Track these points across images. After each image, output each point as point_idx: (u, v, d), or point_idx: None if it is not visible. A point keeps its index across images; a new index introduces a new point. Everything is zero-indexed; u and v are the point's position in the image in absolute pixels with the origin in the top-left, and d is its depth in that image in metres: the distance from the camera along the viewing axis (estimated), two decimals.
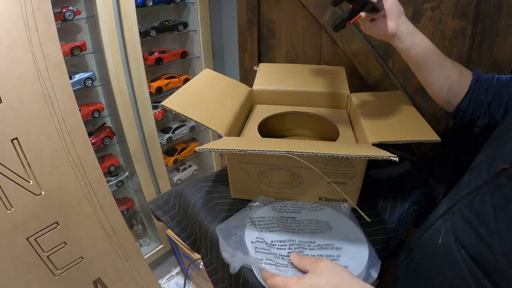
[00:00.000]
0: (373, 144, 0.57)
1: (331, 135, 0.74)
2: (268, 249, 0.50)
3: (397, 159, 0.46)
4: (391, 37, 0.56)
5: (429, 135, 0.58)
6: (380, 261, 0.50)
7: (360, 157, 0.46)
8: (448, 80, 0.58)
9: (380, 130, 0.62)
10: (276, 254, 0.50)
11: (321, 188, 0.64)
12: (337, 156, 0.45)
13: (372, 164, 0.81)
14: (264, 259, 0.48)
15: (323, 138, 0.82)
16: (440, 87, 0.59)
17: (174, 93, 0.67)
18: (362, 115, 0.68)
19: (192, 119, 0.62)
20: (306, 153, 0.46)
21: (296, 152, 0.47)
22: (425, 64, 0.58)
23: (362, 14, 0.56)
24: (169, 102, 0.63)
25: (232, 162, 0.64)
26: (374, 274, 0.48)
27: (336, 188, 0.63)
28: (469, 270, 0.38)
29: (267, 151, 0.48)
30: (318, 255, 0.51)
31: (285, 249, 0.51)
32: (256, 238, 0.52)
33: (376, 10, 0.54)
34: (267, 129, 0.80)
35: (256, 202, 0.64)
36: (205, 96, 0.72)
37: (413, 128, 0.62)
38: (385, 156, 0.46)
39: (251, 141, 0.60)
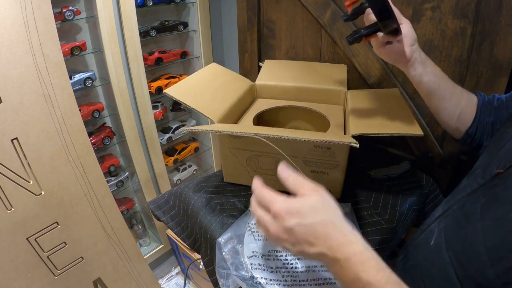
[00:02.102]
0: (353, 136, 0.57)
1: (325, 130, 0.75)
2: (263, 264, 0.51)
3: (357, 146, 0.49)
4: (404, 63, 0.56)
5: (412, 129, 0.58)
6: None
7: (312, 140, 0.51)
8: (459, 106, 0.58)
9: (364, 124, 0.63)
10: (272, 268, 0.51)
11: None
12: (294, 138, 0.51)
13: (372, 164, 0.81)
14: (258, 277, 0.50)
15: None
16: (451, 113, 0.59)
17: (177, 82, 0.71)
18: (352, 110, 0.69)
19: (189, 106, 0.65)
20: (272, 136, 0.51)
21: (263, 134, 0.52)
22: (437, 91, 0.58)
23: (379, 34, 0.55)
24: (170, 90, 0.67)
25: (224, 148, 0.69)
26: None
27: (319, 177, 0.66)
28: (455, 272, 0.39)
29: (238, 132, 0.54)
30: (312, 266, 0.51)
31: (280, 259, 0.52)
32: (253, 252, 0.53)
33: (396, 33, 0.53)
34: (264, 121, 0.83)
35: None
36: (206, 87, 0.74)
37: (399, 122, 0.62)
38: (346, 141, 0.50)
39: (239, 127, 0.62)
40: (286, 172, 0.41)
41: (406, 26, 0.55)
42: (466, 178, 0.50)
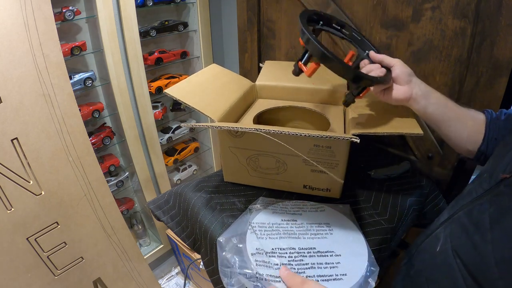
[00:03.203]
0: (354, 135, 0.57)
1: (325, 130, 0.75)
2: (268, 261, 0.51)
3: (358, 140, 0.50)
4: (407, 101, 0.57)
5: (412, 128, 0.58)
6: (378, 268, 0.51)
7: (313, 136, 0.52)
8: (466, 128, 0.58)
9: (364, 123, 0.63)
10: (277, 264, 0.50)
11: (305, 176, 0.67)
12: (293, 134, 0.52)
13: (372, 164, 0.81)
14: (264, 274, 0.49)
15: None
16: (460, 137, 0.59)
17: (178, 83, 0.71)
18: (352, 110, 0.69)
19: (190, 106, 0.65)
20: (273, 131, 0.53)
21: (264, 130, 0.53)
22: (442, 119, 0.58)
23: (371, 88, 0.58)
24: (171, 90, 0.67)
25: (224, 147, 0.69)
26: (372, 282, 0.49)
27: (319, 177, 0.66)
28: (464, 279, 0.38)
29: (239, 128, 0.55)
30: (317, 263, 0.51)
31: (285, 257, 0.52)
32: (256, 249, 0.53)
33: (383, 82, 0.55)
34: (264, 121, 0.83)
35: (257, 204, 0.64)
36: (207, 87, 0.74)
37: (399, 122, 0.62)
38: (346, 137, 0.51)
39: (238, 124, 0.62)
40: (284, 274, 0.46)
41: (397, 67, 0.56)
42: (472, 183, 0.50)
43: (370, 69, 0.57)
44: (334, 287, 0.48)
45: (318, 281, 0.49)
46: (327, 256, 0.53)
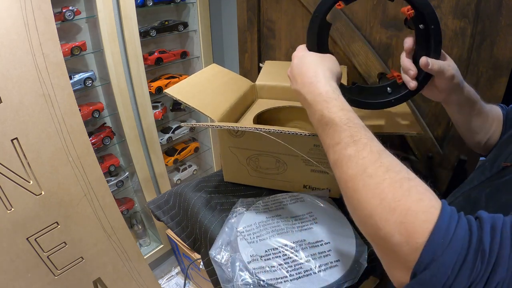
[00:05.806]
0: None
1: None
2: (266, 266, 0.51)
3: None
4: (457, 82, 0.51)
5: (412, 128, 0.58)
6: (366, 246, 0.53)
7: (313, 135, 0.52)
8: (490, 129, 0.55)
9: (364, 123, 0.63)
10: (274, 267, 0.51)
11: (305, 176, 0.67)
12: (293, 133, 0.52)
13: None
14: (265, 279, 0.50)
15: None
16: (482, 127, 0.55)
17: (178, 83, 0.71)
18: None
19: (190, 106, 0.65)
20: (273, 131, 0.53)
21: (263, 129, 0.54)
22: (475, 101, 0.53)
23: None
24: (171, 90, 0.67)
25: (224, 147, 0.70)
26: (364, 262, 0.51)
27: (319, 177, 0.66)
28: None
29: (239, 127, 0.55)
30: (311, 255, 0.52)
31: (280, 256, 0.53)
32: (251, 256, 0.53)
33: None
34: (264, 121, 0.83)
35: (238, 207, 0.64)
36: (207, 87, 0.75)
37: (399, 122, 0.62)
38: None
39: (238, 124, 0.62)
40: None
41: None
42: (474, 172, 0.50)
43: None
44: (332, 274, 0.50)
45: (320, 271, 0.50)
46: (318, 246, 0.54)
